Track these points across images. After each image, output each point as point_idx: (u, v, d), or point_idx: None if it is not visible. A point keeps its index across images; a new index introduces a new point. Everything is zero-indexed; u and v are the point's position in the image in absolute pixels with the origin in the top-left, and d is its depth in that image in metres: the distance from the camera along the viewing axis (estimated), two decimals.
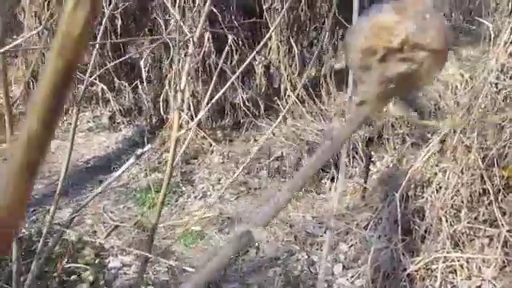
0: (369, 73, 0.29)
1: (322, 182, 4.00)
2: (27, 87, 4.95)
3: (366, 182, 3.80)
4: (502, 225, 2.44)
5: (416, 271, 2.45)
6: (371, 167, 4.28)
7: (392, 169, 3.64)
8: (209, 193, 3.60)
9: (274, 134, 4.19)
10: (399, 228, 2.58)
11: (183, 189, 3.68)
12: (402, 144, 4.66)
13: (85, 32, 0.21)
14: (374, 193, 3.25)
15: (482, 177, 2.58)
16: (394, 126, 4.79)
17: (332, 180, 4.03)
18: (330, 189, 3.96)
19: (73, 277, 2.81)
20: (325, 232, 3.07)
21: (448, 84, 5.66)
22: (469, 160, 2.56)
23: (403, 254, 2.49)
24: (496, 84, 2.42)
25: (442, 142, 2.72)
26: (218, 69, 2.01)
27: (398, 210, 2.57)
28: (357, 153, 4.26)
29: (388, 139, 4.64)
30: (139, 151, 1.29)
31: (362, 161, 4.27)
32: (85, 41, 0.21)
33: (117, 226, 3.34)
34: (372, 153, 4.46)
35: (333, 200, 3.63)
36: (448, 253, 2.42)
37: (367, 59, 0.28)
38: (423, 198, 2.70)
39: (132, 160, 1.26)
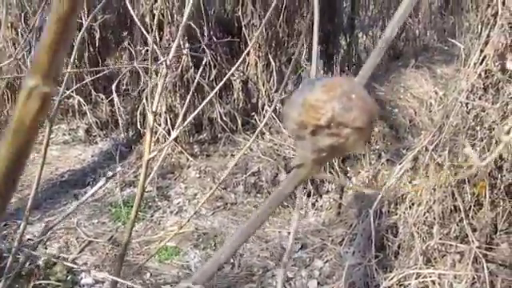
0: (303, 142, 0.31)
1: (299, 197, 4.02)
2: (1, 98, 4.89)
3: (341, 198, 3.83)
4: (473, 241, 2.48)
5: (389, 287, 2.47)
6: (347, 183, 4.32)
7: (367, 184, 3.69)
8: (185, 208, 3.58)
9: (250, 149, 4.20)
10: (373, 244, 2.60)
11: (159, 204, 3.65)
12: (378, 160, 4.73)
13: (35, 121, 0.22)
14: (349, 209, 3.28)
15: (454, 194, 2.63)
16: (370, 142, 4.86)
17: (308, 195, 4.06)
18: (307, 204, 3.99)
19: None
20: (300, 248, 3.09)
21: (423, 101, 5.77)
22: (441, 177, 2.61)
23: (376, 270, 2.51)
24: (466, 104, 2.49)
25: (415, 159, 2.77)
26: (195, 83, 2.02)
27: (372, 226, 2.60)
28: (333, 168, 4.29)
29: (364, 155, 4.69)
30: (109, 173, 1.28)
31: (338, 176, 4.31)
32: (35, 128, 0.22)
33: (90, 242, 3.29)
34: (348, 168, 4.51)
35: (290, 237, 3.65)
36: (420, 269, 2.45)
37: (300, 131, 0.31)
38: (397, 214, 2.74)
39: (102, 182, 1.25)
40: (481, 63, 2.48)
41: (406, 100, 5.92)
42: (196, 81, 2.15)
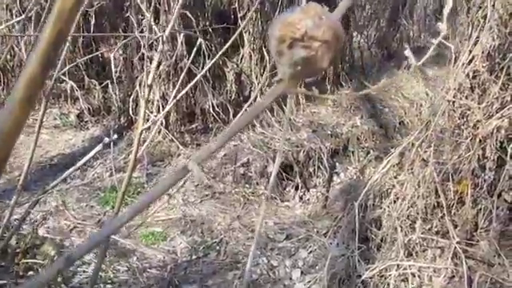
0: (282, 57, 0.36)
1: (287, 190, 4.08)
2: None
3: (328, 192, 3.89)
4: (453, 237, 2.55)
5: (370, 278, 2.52)
6: (335, 178, 4.38)
7: (353, 179, 3.75)
8: (172, 194, 3.61)
9: (241, 141, 4.25)
10: (357, 236, 2.66)
11: (148, 190, 3.68)
12: (366, 157, 4.79)
13: (75, 7, 0.27)
14: (335, 202, 3.34)
15: (437, 190, 2.69)
16: (359, 140, 4.92)
17: (296, 189, 4.11)
18: (294, 197, 4.04)
19: (30, 272, 2.78)
20: (285, 238, 3.14)
21: (413, 102, 5.84)
22: (425, 173, 2.67)
23: (359, 261, 2.57)
24: (453, 102, 2.55)
25: (401, 155, 2.83)
26: (186, 69, 2.05)
27: (357, 218, 2.65)
28: (322, 163, 4.35)
29: (353, 152, 4.76)
30: (107, 139, 1.32)
31: (327, 171, 4.37)
32: (74, 14, 0.27)
33: (79, 224, 3.31)
34: (336, 164, 4.56)
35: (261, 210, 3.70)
36: (401, 261, 2.51)
37: (280, 46, 0.36)
38: (381, 208, 2.80)
39: (99, 147, 1.29)
40: (469, 63, 2.54)
41: (396, 100, 5.99)
42: (187, 67, 2.18)
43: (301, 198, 4.05)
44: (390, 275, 2.48)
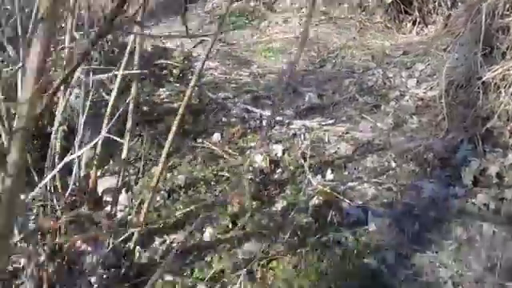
0: None
1: (403, 23, 3.97)
2: None
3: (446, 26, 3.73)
4: None
5: (492, 79, 2.48)
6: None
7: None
8: (289, 19, 3.70)
9: None
10: (481, 42, 2.58)
11: (265, 15, 3.80)
12: None
13: None
14: (458, 19, 3.20)
15: None
16: None
17: (414, 23, 3.98)
18: (411, 31, 3.93)
19: (164, 71, 3.12)
20: (402, 54, 3.12)
21: None
22: None
23: (481, 63, 2.51)
24: None
25: None
26: None
27: (483, 22, 2.55)
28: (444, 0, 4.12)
29: None
30: None
31: (448, 9, 4.14)
32: None
33: (202, 40, 3.56)
34: (459, 3, 4.29)
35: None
36: None
37: None
38: (510, 16, 2.64)
39: None
40: None
41: None
42: None
43: (417, 33, 3.93)
44: None
